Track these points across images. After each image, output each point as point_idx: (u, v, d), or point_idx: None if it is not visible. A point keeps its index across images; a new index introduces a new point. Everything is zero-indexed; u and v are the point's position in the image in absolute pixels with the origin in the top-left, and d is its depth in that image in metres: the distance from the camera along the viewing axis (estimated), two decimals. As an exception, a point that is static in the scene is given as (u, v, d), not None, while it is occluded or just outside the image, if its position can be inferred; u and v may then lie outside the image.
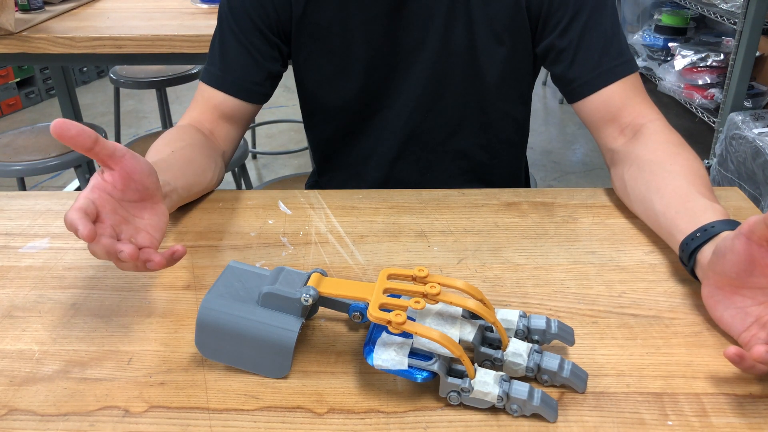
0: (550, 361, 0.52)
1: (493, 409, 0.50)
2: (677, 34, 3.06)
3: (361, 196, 0.83)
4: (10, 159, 1.72)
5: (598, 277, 0.66)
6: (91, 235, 0.52)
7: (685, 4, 2.81)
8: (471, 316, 0.55)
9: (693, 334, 0.58)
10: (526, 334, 0.55)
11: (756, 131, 2.08)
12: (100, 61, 1.72)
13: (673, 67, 2.78)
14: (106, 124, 2.91)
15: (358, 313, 0.56)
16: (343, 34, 0.87)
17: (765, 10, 2.16)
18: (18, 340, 0.59)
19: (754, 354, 0.49)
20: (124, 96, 3.42)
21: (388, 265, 0.69)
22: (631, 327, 0.59)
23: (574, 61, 0.82)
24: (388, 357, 0.51)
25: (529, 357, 0.52)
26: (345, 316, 0.62)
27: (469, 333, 0.53)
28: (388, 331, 0.52)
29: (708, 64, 2.68)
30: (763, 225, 0.50)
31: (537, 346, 0.53)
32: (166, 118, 2.45)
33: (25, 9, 1.76)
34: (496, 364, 0.53)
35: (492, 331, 0.55)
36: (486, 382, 0.49)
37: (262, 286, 0.55)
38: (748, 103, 2.48)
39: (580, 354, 0.56)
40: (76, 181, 2.43)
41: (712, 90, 2.64)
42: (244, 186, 2.04)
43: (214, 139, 0.88)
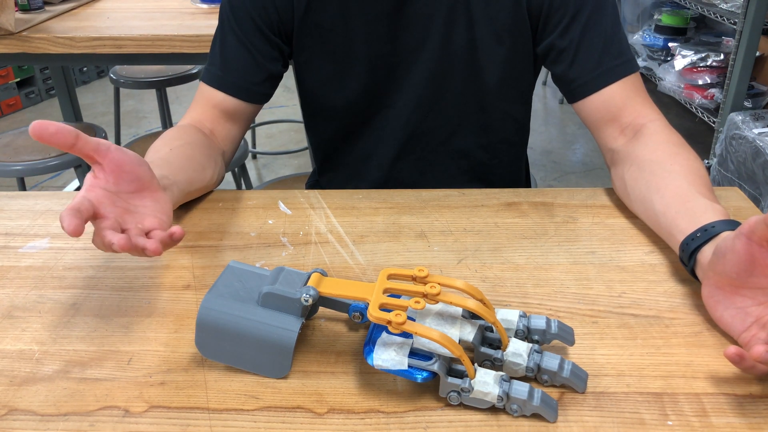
0: (550, 361, 0.52)
1: (493, 409, 0.50)
2: (677, 34, 3.06)
3: (361, 196, 0.83)
4: (10, 159, 1.72)
5: (598, 277, 0.66)
6: (76, 231, 0.52)
7: (685, 4, 2.81)
8: (471, 316, 0.55)
9: (693, 334, 0.58)
10: (526, 334, 0.55)
11: (756, 131, 2.08)
12: (100, 61, 1.72)
13: (673, 67, 2.78)
14: (106, 124, 2.91)
15: (358, 313, 0.56)
16: (345, 35, 0.87)
17: (765, 10, 2.16)
18: (18, 340, 0.59)
19: (754, 354, 0.49)
20: (124, 96, 3.42)
21: (388, 265, 0.69)
22: (631, 327, 0.59)
23: (575, 60, 0.82)
24: (388, 357, 0.51)
25: (529, 357, 0.52)
26: (345, 316, 0.61)
27: (469, 333, 0.53)
28: (388, 331, 0.52)
29: (708, 64, 2.68)
30: (763, 225, 0.50)
31: (537, 346, 0.53)
32: (166, 118, 2.45)
33: (25, 9, 1.76)
34: (496, 364, 0.53)
35: (492, 331, 0.55)
36: (486, 382, 0.49)
37: (262, 286, 0.55)
38: (748, 103, 2.48)
39: (580, 354, 0.56)
40: (76, 181, 2.43)
41: (712, 90, 2.64)
42: (244, 186, 2.04)
43: (214, 139, 0.88)
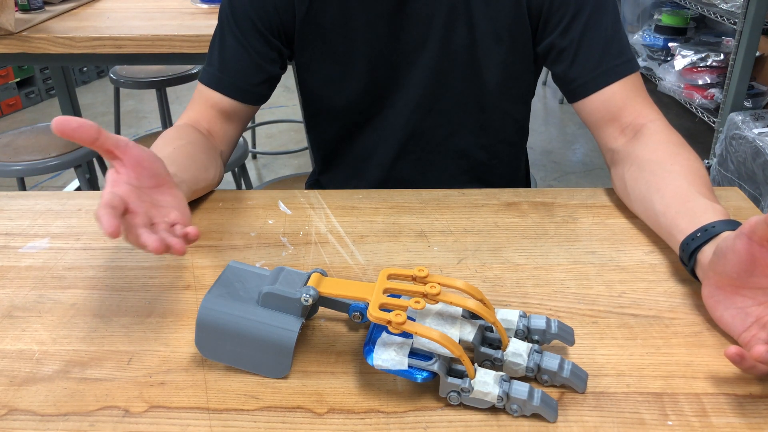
0: (550, 361, 0.52)
1: (493, 409, 0.50)
2: (677, 34, 3.06)
3: (361, 196, 0.83)
4: (10, 159, 1.72)
5: (598, 277, 0.66)
6: (116, 231, 0.51)
7: (685, 4, 2.81)
8: (471, 316, 0.55)
9: (693, 334, 0.58)
10: (526, 334, 0.55)
11: (756, 131, 2.08)
12: (100, 61, 1.72)
13: (673, 67, 2.78)
14: (106, 124, 2.91)
15: (358, 313, 0.56)
16: (346, 35, 0.87)
17: (765, 10, 2.16)
18: (18, 340, 0.59)
19: (755, 354, 0.49)
20: (124, 96, 3.41)
21: (388, 265, 0.69)
22: (631, 327, 0.59)
23: (575, 60, 0.82)
24: (388, 357, 0.51)
25: (529, 357, 0.52)
26: (345, 316, 0.61)
27: (469, 333, 0.53)
28: (388, 331, 0.52)
29: (708, 64, 2.68)
30: (764, 225, 0.50)
31: (537, 346, 0.53)
32: (166, 118, 2.45)
33: (25, 9, 1.75)
34: (496, 364, 0.53)
35: (492, 331, 0.55)
36: (486, 382, 0.49)
37: (262, 286, 0.55)
38: (748, 103, 2.48)
39: (580, 354, 0.56)
40: (76, 181, 2.43)
41: (712, 90, 2.64)
42: (244, 186, 2.04)
43: (211, 139, 0.88)
